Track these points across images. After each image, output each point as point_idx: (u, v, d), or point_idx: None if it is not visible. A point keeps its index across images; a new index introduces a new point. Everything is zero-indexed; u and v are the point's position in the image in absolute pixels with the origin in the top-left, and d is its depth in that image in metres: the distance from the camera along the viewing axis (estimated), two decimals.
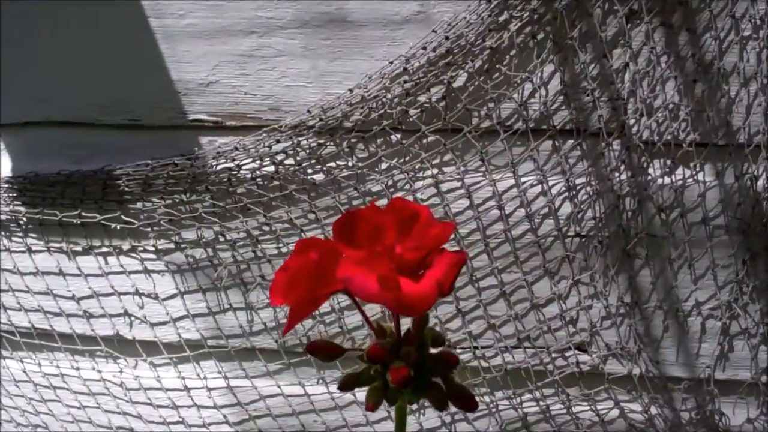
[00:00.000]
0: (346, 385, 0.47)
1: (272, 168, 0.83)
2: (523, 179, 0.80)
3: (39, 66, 0.88)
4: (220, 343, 0.93)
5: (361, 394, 0.46)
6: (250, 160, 0.83)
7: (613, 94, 0.76)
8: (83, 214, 0.90)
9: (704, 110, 0.75)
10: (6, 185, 0.92)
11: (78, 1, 0.83)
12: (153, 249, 0.91)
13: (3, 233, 0.96)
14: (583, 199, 0.79)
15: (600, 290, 0.81)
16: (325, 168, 0.83)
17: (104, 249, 0.93)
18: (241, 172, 0.84)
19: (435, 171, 0.81)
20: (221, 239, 0.88)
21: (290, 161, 0.83)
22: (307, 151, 0.82)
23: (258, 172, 0.84)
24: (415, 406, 0.91)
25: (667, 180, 0.78)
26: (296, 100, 0.82)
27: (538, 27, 0.75)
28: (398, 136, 0.80)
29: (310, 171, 0.84)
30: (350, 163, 0.82)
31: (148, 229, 0.90)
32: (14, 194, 0.92)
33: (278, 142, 0.82)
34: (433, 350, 0.46)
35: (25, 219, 0.94)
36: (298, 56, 0.81)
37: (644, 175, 0.78)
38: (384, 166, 0.82)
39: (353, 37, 0.79)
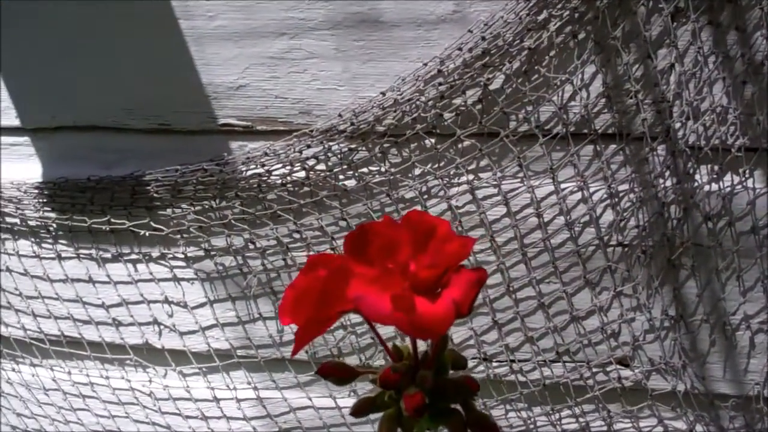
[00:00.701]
0: (359, 410, 0.44)
1: (303, 174, 0.82)
2: (562, 186, 0.77)
3: (68, 69, 0.88)
4: (249, 353, 0.92)
5: None
6: (280, 165, 0.82)
7: (658, 97, 0.74)
8: (112, 220, 0.90)
9: (754, 113, 0.72)
10: (36, 191, 0.92)
11: (106, 3, 0.83)
12: (182, 256, 0.91)
13: (33, 239, 0.96)
14: (625, 207, 0.77)
15: (643, 302, 0.79)
16: (356, 174, 0.82)
17: (133, 256, 0.93)
18: (271, 177, 0.83)
19: (471, 177, 0.79)
20: (251, 247, 0.87)
21: (321, 167, 0.82)
22: (339, 156, 0.81)
23: (288, 178, 0.83)
24: None
25: (714, 187, 0.75)
26: (328, 103, 0.81)
27: (579, 26, 0.73)
28: (432, 140, 0.79)
29: (341, 177, 0.82)
30: (383, 169, 0.81)
31: (178, 236, 0.89)
32: (44, 200, 0.92)
33: (309, 147, 0.81)
34: (455, 373, 0.44)
35: (54, 225, 0.94)
36: (330, 58, 0.80)
37: (690, 182, 0.75)
38: (417, 171, 0.80)
39: (386, 38, 0.78)
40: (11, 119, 0.92)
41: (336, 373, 0.45)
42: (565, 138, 0.75)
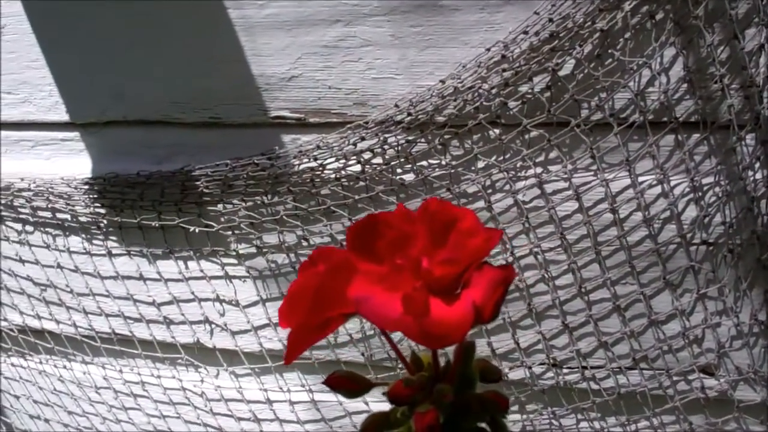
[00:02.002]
0: (370, 428, 0.39)
1: (358, 167, 0.81)
2: (640, 179, 0.74)
3: (117, 64, 0.87)
4: (303, 355, 0.88)
5: None
6: (334, 159, 0.81)
7: (746, 81, 0.69)
8: (162, 216, 0.89)
9: None
10: (86, 186, 0.92)
11: None
12: (234, 253, 0.89)
13: (84, 236, 0.96)
14: (710, 202, 0.73)
15: (730, 306, 0.75)
16: (415, 167, 0.79)
17: (184, 253, 0.92)
18: (325, 172, 0.82)
19: (539, 170, 0.76)
20: (304, 244, 0.85)
21: (377, 160, 0.80)
22: (396, 148, 0.79)
23: (343, 172, 0.81)
24: None
25: None
26: (384, 93, 0.79)
27: (657, 5, 0.69)
28: (497, 131, 0.76)
29: (399, 170, 0.80)
30: (443, 162, 0.78)
31: (229, 233, 0.88)
32: (94, 195, 0.92)
33: (364, 139, 0.79)
34: (491, 386, 0.39)
35: (105, 221, 0.93)
36: (386, 45, 0.77)
37: None
38: (481, 164, 0.77)
39: (446, 22, 0.75)
40: (61, 114, 0.93)
41: (346, 384, 0.41)
42: (642, 127, 0.72)
